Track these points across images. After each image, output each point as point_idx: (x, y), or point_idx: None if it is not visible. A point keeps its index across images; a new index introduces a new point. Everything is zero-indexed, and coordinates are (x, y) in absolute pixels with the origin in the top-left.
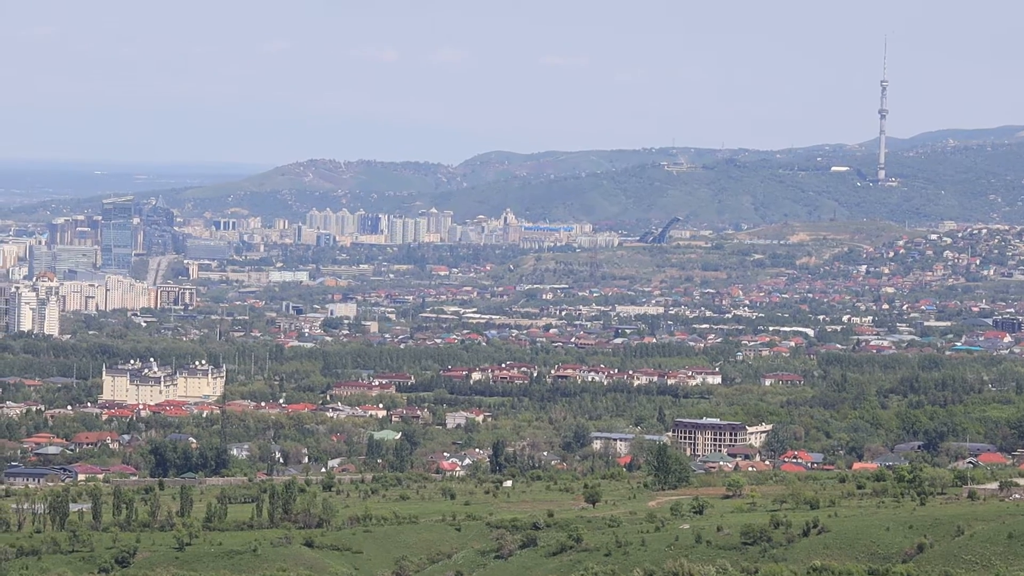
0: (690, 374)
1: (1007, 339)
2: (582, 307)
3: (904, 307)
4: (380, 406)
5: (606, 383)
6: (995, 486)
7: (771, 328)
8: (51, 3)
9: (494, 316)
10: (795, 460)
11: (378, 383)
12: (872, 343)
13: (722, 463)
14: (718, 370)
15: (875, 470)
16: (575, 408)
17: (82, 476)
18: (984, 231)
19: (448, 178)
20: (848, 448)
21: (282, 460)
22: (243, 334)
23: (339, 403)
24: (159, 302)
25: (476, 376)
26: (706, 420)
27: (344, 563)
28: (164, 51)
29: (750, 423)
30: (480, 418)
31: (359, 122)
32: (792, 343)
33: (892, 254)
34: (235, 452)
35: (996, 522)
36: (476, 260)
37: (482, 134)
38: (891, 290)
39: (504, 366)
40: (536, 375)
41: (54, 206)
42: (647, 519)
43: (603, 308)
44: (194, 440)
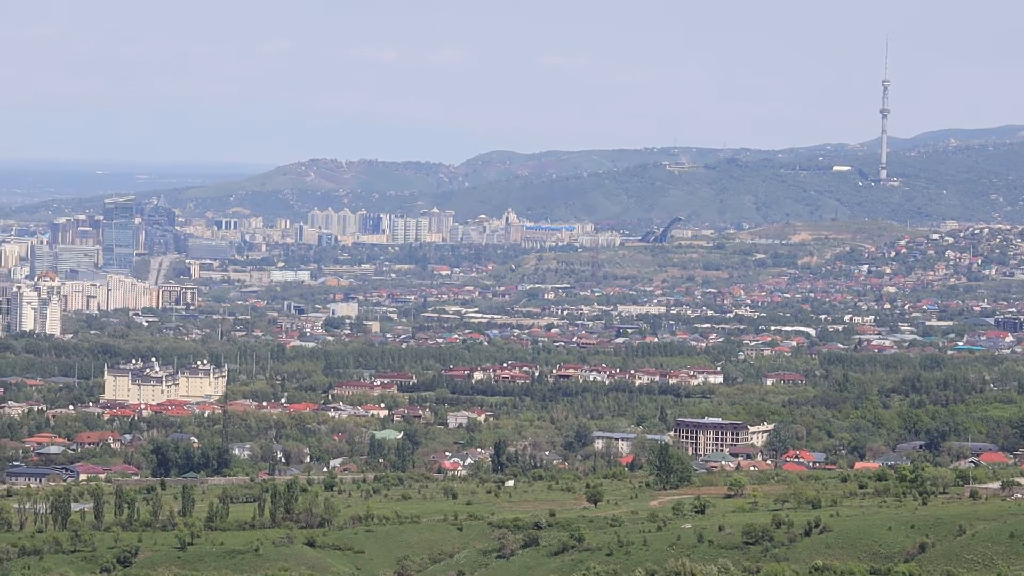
0: (692, 374)
1: (1009, 338)
2: (584, 307)
3: (906, 307)
4: (382, 406)
5: (608, 383)
6: (997, 486)
7: (773, 328)
8: (52, 3)
9: (496, 316)
10: (797, 460)
11: (380, 383)
12: (874, 343)
13: (724, 463)
14: (720, 370)
15: (877, 470)
16: (577, 408)
17: (84, 476)
18: (986, 231)
19: (450, 178)
20: (850, 448)
21: (284, 460)
22: (245, 334)
23: (341, 403)
24: (161, 302)
25: (478, 376)
26: (708, 420)
27: (346, 563)
28: (165, 51)
29: (752, 423)
30: (482, 418)
31: (360, 122)
32: (794, 343)
33: (894, 254)
34: (237, 452)
35: (998, 522)
36: (478, 260)
37: (483, 134)
38: (893, 290)
39: (506, 366)
40: (538, 375)
41: (56, 206)
42: (649, 519)
43: (605, 308)
44: (196, 440)
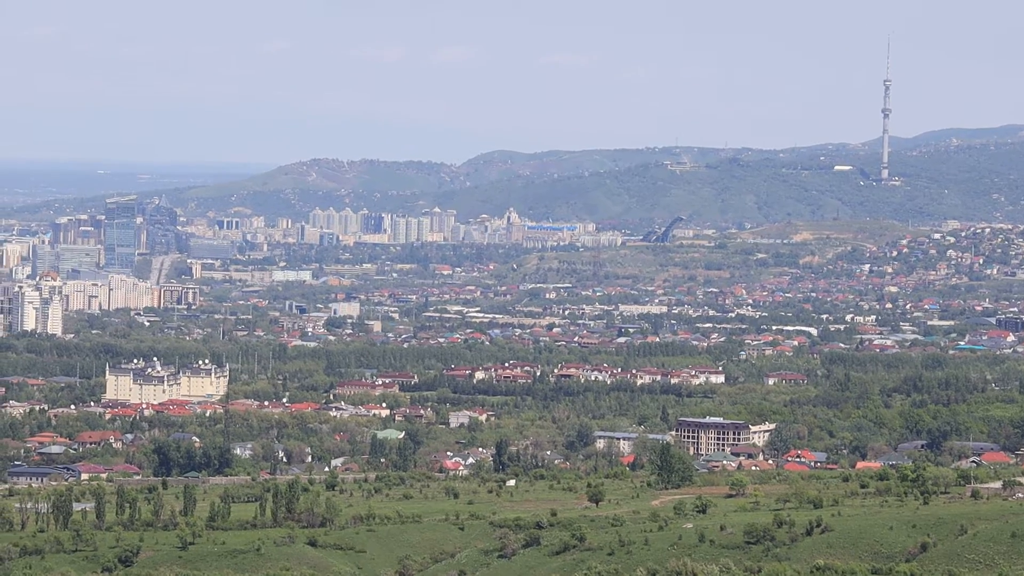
0: (693, 373)
1: (1010, 338)
2: (585, 306)
3: (907, 306)
4: (383, 405)
5: (609, 382)
6: (998, 485)
7: (774, 327)
8: (52, 3)
9: (497, 315)
10: (798, 459)
11: (381, 382)
12: (875, 342)
13: (725, 462)
14: (721, 369)
15: (878, 469)
16: (578, 407)
17: (85, 475)
18: (987, 230)
19: (451, 177)
20: (851, 447)
21: (285, 459)
22: (246, 333)
23: (342, 402)
24: (162, 301)
25: (479, 375)
26: (709, 419)
27: (347, 562)
28: (167, 51)
29: (753, 422)
30: (483, 417)
31: (362, 121)
32: (795, 342)
33: (895, 253)
34: (238, 451)
35: (999, 521)
36: (479, 259)
37: (485, 133)
38: (894, 289)
39: (507, 365)
40: (539, 374)
41: (57, 206)
42: (650, 518)
43: (606, 307)
44: (197, 439)
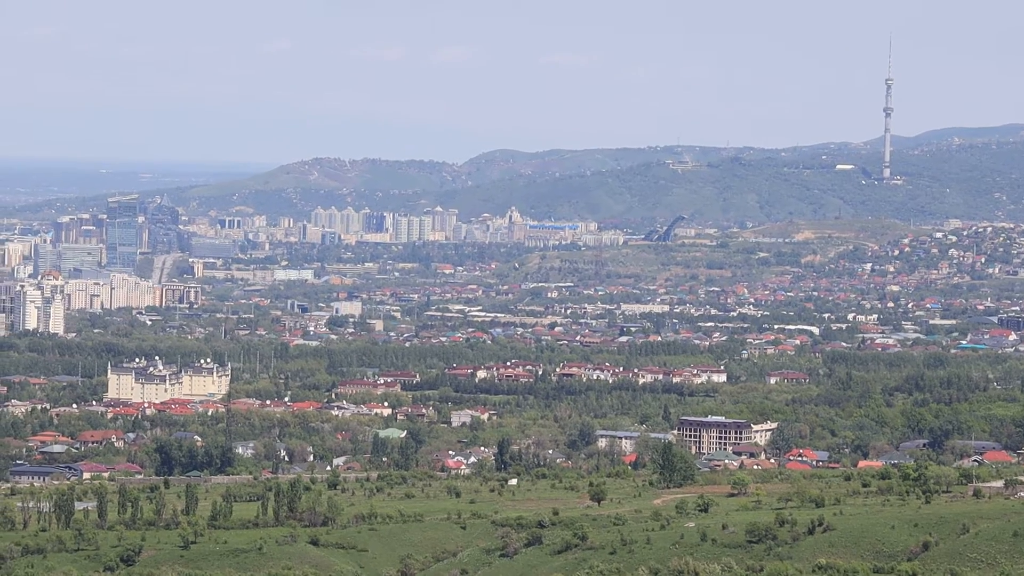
0: (695, 372)
1: (1012, 337)
2: (587, 305)
3: (909, 305)
4: (385, 404)
5: (611, 381)
6: (1000, 484)
7: (776, 326)
8: (53, 3)
9: (499, 314)
10: (800, 458)
11: (383, 381)
12: (877, 341)
13: (727, 461)
14: (723, 368)
15: (880, 468)
16: (580, 406)
17: (87, 474)
18: (989, 229)
19: (453, 176)
20: (853, 446)
21: (287, 458)
22: (248, 332)
23: (344, 401)
24: (164, 300)
25: (481, 374)
26: (711, 418)
27: (349, 561)
28: (168, 51)
29: (755, 421)
30: (485, 416)
31: (363, 120)
32: (797, 341)
33: (897, 252)
34: (240, 450)
35: (1001, 520)
36: (481, 258)
37: (487, 133)
38: (896, 288)
39: (509, 364)
40: (541, 373)
41: (59, 204)
42: (652, 517)
43: (608, 306)
44: (199, 438)
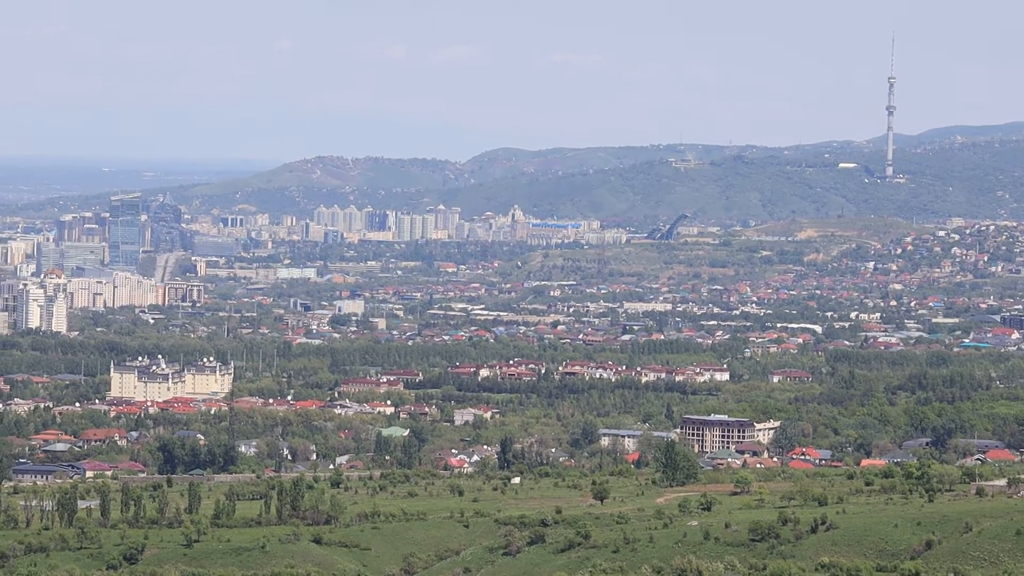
0: (698, 371)
1: (1015, 336)
2: (590, 304)
3: (912, 304)
4: (388, 403)
5: (614, 380)
6: (1003, 483)
7: (779, 325)
8: (56, 3)
9: (502, 313)
10: (803, 457)
11: (386, 380)
12: (880, 340)
13: (730, 460)
14: (726, 367)
15: (883, 467)
16: (583, 405)
17: (90, 473)
18: (992, 228)
19: (456, 175)
20: (856, 445)
21: (290, 457)
22: (251, 331)
23: (347, 400)
24: (167, 299)
25: (484, 373)
26: (714, 417)
27: (352, 560)
28: (170, 50)
29: (758, 420)
30: (488, 415)
31: (366, 119)
32: (800, 340)
33: (900, 251)
34: (243, 449)
35: (1004, 519)
36: (484, 257)
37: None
38: (899, 287)
39: (512, 363)
40: (544, 372)
41: (62, 203)
42: (655, 516)
43: (611, 305)
44: (202, 437)
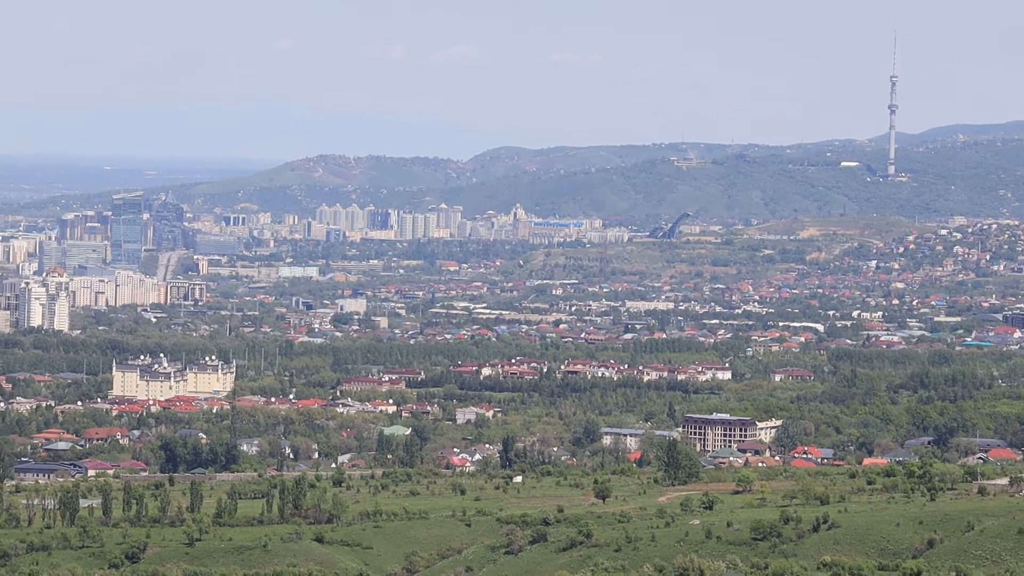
0: (700, 370)
1: (1017, 334)
2: (592, 302)
3: (914, 302)
4: (390, 402)
5: (616, 379)
6: (1005, 482)
7: (781, 323)
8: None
9: (504, 311)
10: (805, 456)
11: (388, 379)
12: (882, 338)
13: (732, 459)
14: (728, 366)
15: (885, 466)
16: (585, 404)
17: (92, 472)
18: (994, 226)
19: (457, 173)
20: (858, 444)
21: (292, 456)
22: (253, 330)
23: (349, 399)
24: (169, 298)
25: (486, 372)
26: (716, 416)
27: (354, 558)
28: (173, 49)
29: (760, 419)
30: (490, 414)
31: (368, 118)
32: (802, 338)
33: (902, 249)
34: (245, 448)
35: (1006, 517)
36: (486, 255)
37: (491, 130)
38: (901, 285)
39: (514, 361)
40: (546, 371)
41: (64, 202)
42: (657, 515)
43: (613, 303)
44: (204, 436)
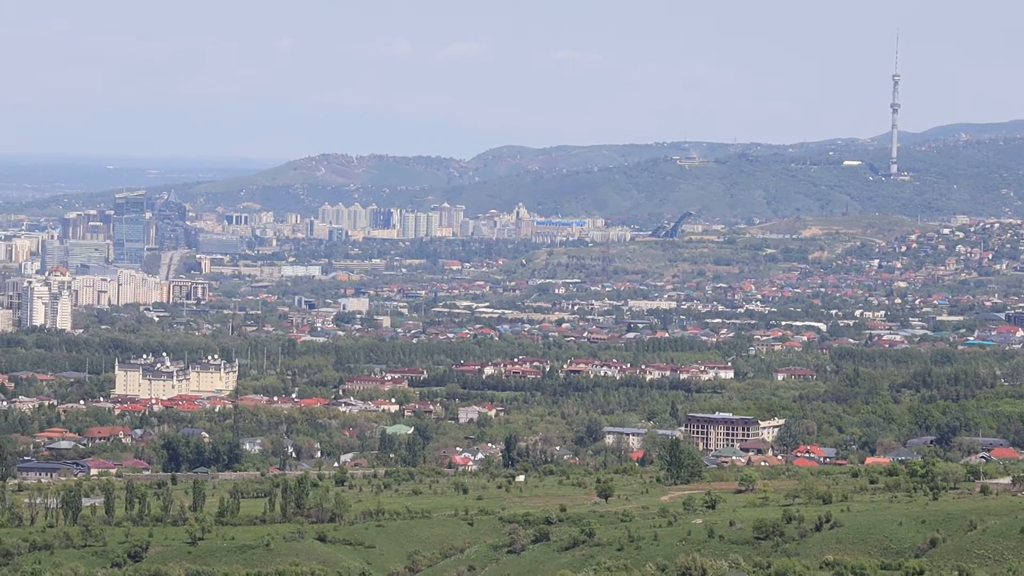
0: (702, 369)
1: (1019, 333)
2: (594, 301)
3: (916, 301)
4: (392, 401)
5: (618, 378)
6: (1008, 481)
7: (783, 323)
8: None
9: (506, 310)
10: (807, 455)
11: (390, 378)
12: (884, 337)
13: (734, 458)
14: (730, 365)
15: (888, 465)
16: (587, 403)
17: (95, 471)
18: (996, 225)
19: (460, 172)
20: (861, 443)
21: (294, 455)
22: (255, 329)
23: (351, 398)
24: (171, 297)
25: (488, 371)
26: (718, 415)
27: (356, 558)
28: (175, 48)
29: (762, 418)
30: (492, 413)
31: (371, 117)
32: (804, 337)
33: (904, 248)
34: (247, 447)
35: (1009, 517)
36: (488, 255)
37: (494, 129)
38: (903, 284)
39: (516, 361)
40: (548, 370)
41: (66, 200)
42: (659, 514)
43: (615, 302)
44: (206, 435)
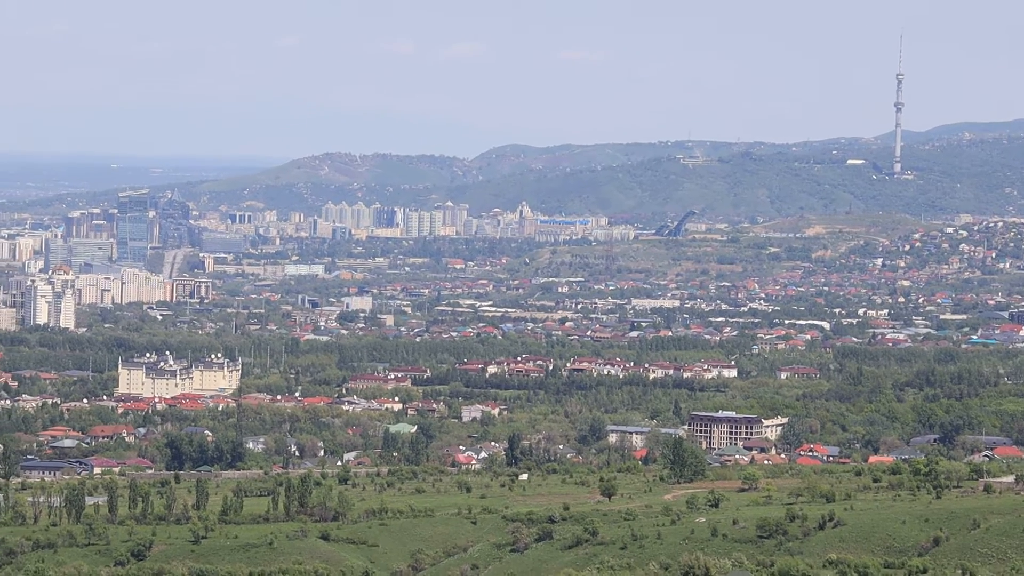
0: (706, 367)
1: (1023, 332)
2: (598, 300)
3: (920, 300)
4: (396, 399)
5: (622, 376)
6: (1011, 479)
7: (787, 321)
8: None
9: (510, 309)
10: (811, 453)
11: (394, 376)
12: (888, 336)
13: (738, 456)
14: (734, 363)
15: (891, 463)
16: (591, 401)
17: (98, 469)
18: (1000, 224)
19: (463, 171)
20: (864, 441)
21: (298, 453)
22: (259, 327)
23: (355, 396)
24: (175, 295)
25: (492, 369)
26: (722, 413)
27: (360, 556)
28: (178, 47)
29: (766, 416)
30: (496, 411)
31: (374, 116)
32: (808, 336)
33: (908, 247)
34: (251, 445)
35: (1012, 515)
36: (491, 253)
37: (497, 127)
38: (907, 283)
39: (520, 359)
40: (552, 368)
41: (70, 199)
42: (663, 512)
43: (619, 301)
44: (210, 433)
